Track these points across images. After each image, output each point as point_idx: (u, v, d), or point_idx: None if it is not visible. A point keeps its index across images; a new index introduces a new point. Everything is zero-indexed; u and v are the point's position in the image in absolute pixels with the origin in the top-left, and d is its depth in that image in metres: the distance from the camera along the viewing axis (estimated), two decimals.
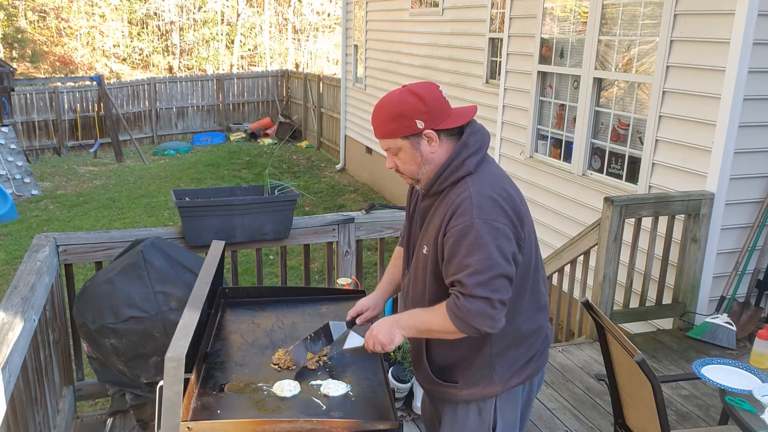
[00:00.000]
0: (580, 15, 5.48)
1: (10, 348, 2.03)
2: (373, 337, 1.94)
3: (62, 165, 13.51)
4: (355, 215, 3.64)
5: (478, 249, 1.74)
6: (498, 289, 1.75)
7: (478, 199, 1.77)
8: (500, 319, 1.78)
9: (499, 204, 1.78)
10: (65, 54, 24.16)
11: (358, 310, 2.16)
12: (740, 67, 4.05)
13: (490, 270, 1.73)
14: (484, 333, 1.79)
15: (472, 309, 1.74)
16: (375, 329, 1.95)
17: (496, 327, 1.78)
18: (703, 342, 4.21)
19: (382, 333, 1.92)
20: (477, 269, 1.73)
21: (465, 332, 1.80)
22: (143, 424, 3.04)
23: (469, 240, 1.74)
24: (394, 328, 1.92)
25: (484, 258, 1.73)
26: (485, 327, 1.77)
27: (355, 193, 11.62)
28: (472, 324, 1.76)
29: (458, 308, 1.76)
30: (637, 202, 4.18)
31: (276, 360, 2.08)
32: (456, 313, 1.77)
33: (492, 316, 1.76)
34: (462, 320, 1.77)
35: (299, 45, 27.87)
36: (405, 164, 1.89)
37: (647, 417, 2.19)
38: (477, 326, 1.76)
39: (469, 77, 7.99)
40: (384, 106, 1.87)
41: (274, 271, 7.51)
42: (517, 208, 1.82)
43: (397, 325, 1.92)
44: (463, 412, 1.99)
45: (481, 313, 1.75)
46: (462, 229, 1.76)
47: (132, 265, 2.84)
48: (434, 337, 1.91)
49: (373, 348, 1.95)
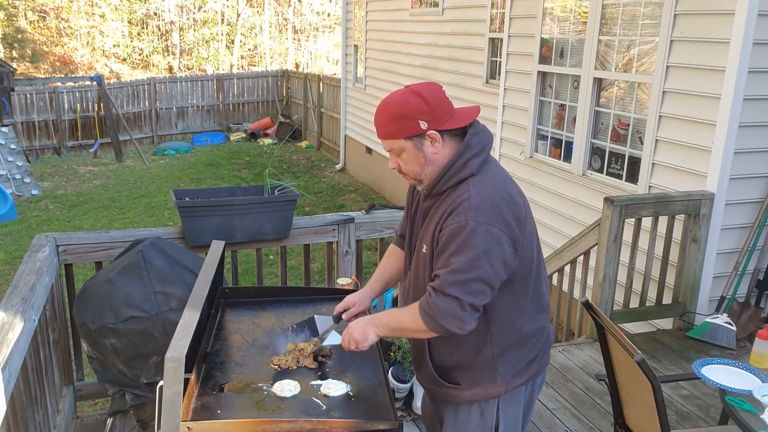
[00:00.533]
0: (580, 15, 5.48)
1: (10, 348, 2.03)
2: (348, 335, 1.96)
3: (62, 165, 13.51)
4: (355, 215, 3.64)
5: (465, 249, 1.74)
6: (473, 293, 1.75)
7: (477, 200, 1.77)
8: (469, 321, 1.77)
9: (498, 207, 1.77)
10: (65, 54, 24.16)
11: (345, 306, 2.16)
12: (740, 67, 4.05)
13: (471, 271, 1.73)
14: (452, 333, 1.79)
15: (442, 307, 1.75)
16: (351, 327, 1.96)
17: (465, 329, 1.78)
18: (703, 342, 4.21)
19: (357, 331, 1.94)
20: (458, 268, 1.74)
21: (434, 331, 1.80)
22: (143, 424, 3.04)
23: (459, 240, 1.75)
24: (368, 327, 1.93)
25: (469, 259, 1.73)
26: (453, 327, 1.77)
27: (355, 193, 11.62)
28: (440, 322, 1.77)
29: (429, 306, 1.78)
30: (637, 202, 4.19)
31: (277, 361, 2.08)
32: (426, 310, 1.78)
33: (461, 318, 1.76)
34: (431, 318, 1.78)
35: (299, 45, 27.87)
36: (408, 165, 1.88)
37: (647, 417, 2.19)
38: (445, 325, 1.77)
39: (469, 77, 7.99)
40: (386, 106, 1.86)
41: (274, 271, 7.51)
42: (517, 211, 1.81)
43: (371, 324, 1.94)
44: (465, 413, 1.99)
45: (450, 312, 1.75)
46: (455, 228, 1.76)
47: (132, 265, 2.84)
48: (407, 336, 1.91)
49: (348, 346, 1.96)
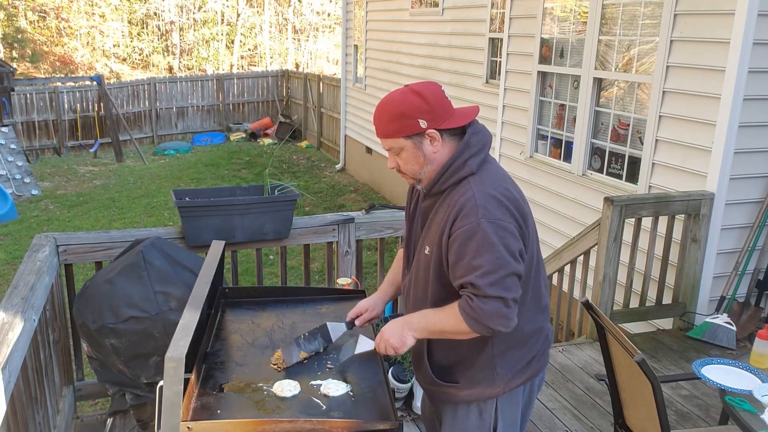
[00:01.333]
0: (580, 15, 5.48)
1: (10, 348, 2.03)
2: (384, 341, 1.92)
3: (62, 165, 13.51)
4: (355, 215, 3.64)
5: (486, 249, 1.73)
6: (510, 288, 1.75)
7: (482, 199, 1.77)
8: (514, 317, 1.78)
9: (503, 203, 1.78)
10: (65, 54, 24.16)
11: (357, 312, 2.16)
12: (740, 67, 4.05)
13: (501, 269, 1.73)
14: (498, 332, 1.79)
15: (487, 309, 1.74)
16: (386, 333, 1.92)
17: (510, 326, 1.78)
18: (703, 342, 4.21)
19: (394, 337, 1.90)
20: (488, 269, 1.73)
21: (479, 332, 1.80)
22: (143, 424, 3.04)
23: (477, 241, 1.74)
24: (405, 331, 1.90)
25: (494, 258, 1.73)
26: (500, 326, 1.77)
27: (355, 193, 11.62)
28: (487, 324, 1.76)
29: (473, 309, 1.76)
30: (637, 202, 4.18)
31: (275, 360, 2.08)
32: (470, 314, 1.76)
33: (506, 315, 1.76)
34: (477, 321, 1.76)
35: (299, 45, 27.86)
36: (407, 164, 1.88)
37: (647, 417, 2.19)
38: (492, 326, 1.76)
39: (469, 77, 7.99)
40: (386, 105, 1.86)
41: (274, 271, 7.51)
42: (520, 208, 1.82)
43: (408, 328, 1.90)
44: (463, 413, 1.99)
45: (496, 312, 1.75)
46: (468, 230, 1.75)
47: (132, 265, 2.84)
48: (446, 338, 1.90)
49: (386, 351, 1.94)
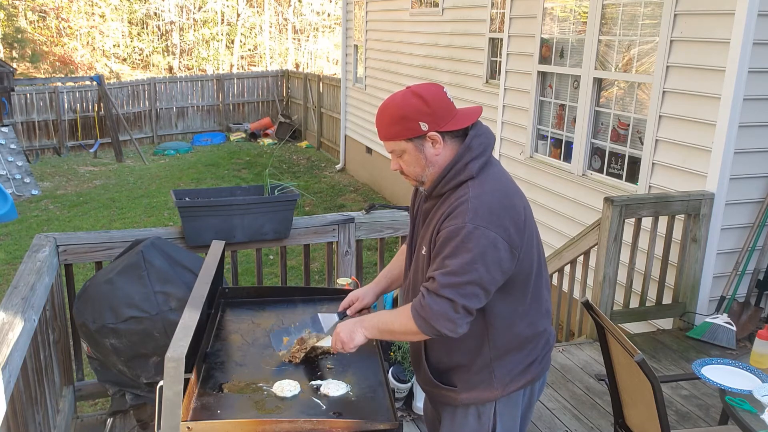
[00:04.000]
0: (580, 15, 5.48)
1: (10, 348, 2.03)
2: (336, 335, 1.95)
3: (62, 165, 13.51)
4: (355, 215, 3.64)
5: (461, 252, 1.73)
6: (467, 296, 1.74)
7: (475, 203, 1.76)
8: (461, 324, 1.76)
9: (495, 211, 1.76)
10: (65, 54, 24.16)
11: (349, 302, 2.17)
12: (740, 67, 4.05)
13: (466, 274, 1.73)
14: (444, 336, 1.78)
15: (434, 308, 1.75)
16: (339, 327, 1.96)
17: (457, 332, 1.77)
18: (703, 342, 4.21)
19: (344, 331, 1.93)
20: (452, 270, 1.73)
21: (426, 333, 1.79)
22: (143, 424, 3.04)
23: (456, 242, 1.74)
24: (356, 327, 1.93)
25: (464, 262, 1.73)
26: (445, 330, 1.76)
27: (355, 193, 11.62)
28: (432, 324, 1.76)
29: (422, 306, 1.77)
30: (637, 202, 4.18)
31: (285, 355, 2.08)
32: (419, 311, 1.78)
33: (453, 320, 1.75)
34: (423, 319, 1.77)
35: (299, 45, 27.87)
36: (409, 166, 1.88)
37: (647, 417, 2.19)
38: (437, 327, 1.76)
39: (469, 77, 7.99)
40: (387, 108, 1.85)
41: (274, 271, 7.51)
42: (516, 216, 1.80)
43: (360, 325, 1.93)
44: (462, 416, 1.98)
45: (442, 314, 1.74)
46: (452, 230, 1.75)
47: (132, 265, 2.84)
48: (397, 339, 1.90)
49: (335, 346, 1.96)
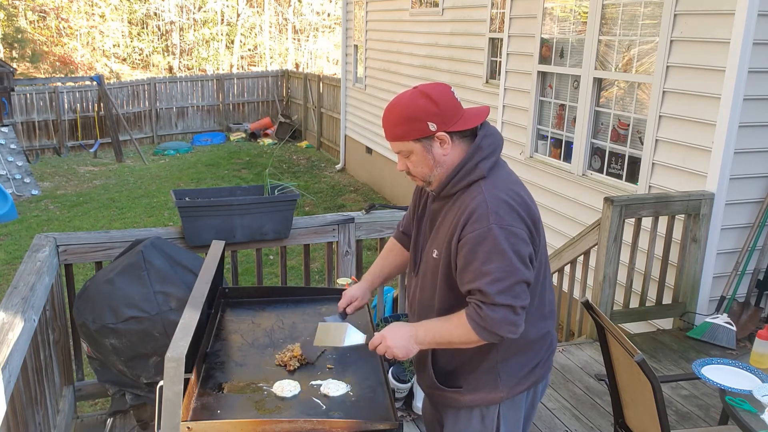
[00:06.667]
0: (580, 15, 5.48)
1: (10, 348, 2.03)
2: (387, 347, 1.87)
3: (62, 165, 13.51)
4: (355, 215, 3.64)
5: (496, 256, 1.72)
6: (519, 295, 1.74)
7: (493, 204, 1.75)
8: (522, 324, 1.77)
9: (514, 209, 1.76)
10: (65, 54, 24.15)
11: (348, 301, 2.16)
12: (740, 67, 4.05)
13: (511, 276, 1.72)
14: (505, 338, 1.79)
15: (496, 317, 1.73)
16: (389, 339, 1.86)
17: (519, 332, 1.78)
18: (703, 342, 4.20)
19: (398, 347, 1.85)
20: (497, 276, 1.72)
21: (488, 340, 1.79)
22: (143, 424, 3.04)
23: (487, 247, 1.72)
24: (411, 344, 1.85)
25: (504, 265, 1.72)
26: (509, 333, 1.76)
27: (355, 193, 11.62)
28: (496, 332, 1.75)
29: (482, 318, 1.75)
30: (637, 202, 4.18)
31: (280, 360, 2.08)
32: (479, 323, 1.75)
33: (515, 322, 1.75)
34: (485, 329, 1.75)
35: (299, 45, 27.86)
36: (417, 167, 1.86)
37: (647, 417, 2.19)
38: (501, 333, 1.76)
39: (469, 77, 7.99)
40: (394, 108, 1.83)
41: (274, 271, 7.51)
42: (531, 213, 1.81)
43: (415, 341, 1.86)
44: (465, 418, 1.98)
45: (506, 320, 1.74)
46: (478, 235, 1.73)
47: (132, 265, 2.84)
48: (454, 347, 1.88)
49: (384, 353, 1.90)
